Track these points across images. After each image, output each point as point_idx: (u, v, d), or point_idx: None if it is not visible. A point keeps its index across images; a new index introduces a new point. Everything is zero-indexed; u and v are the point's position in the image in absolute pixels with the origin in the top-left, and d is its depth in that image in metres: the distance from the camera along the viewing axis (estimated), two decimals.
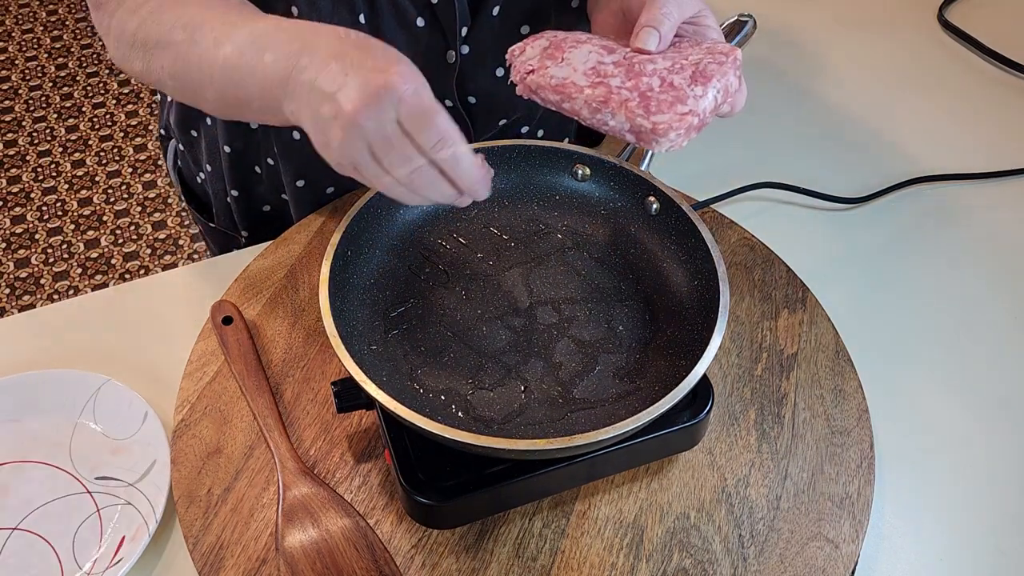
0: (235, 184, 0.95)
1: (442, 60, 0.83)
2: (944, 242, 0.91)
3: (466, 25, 0.81)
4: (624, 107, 0.61)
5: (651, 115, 0.60)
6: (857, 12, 1.22)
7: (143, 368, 0.78)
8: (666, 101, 0.61)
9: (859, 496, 0.68)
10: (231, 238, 1.02)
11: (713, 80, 0.62)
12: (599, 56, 0.64)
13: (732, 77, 0.63)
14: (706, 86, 0.62)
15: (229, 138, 0.91)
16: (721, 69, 0.63)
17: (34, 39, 2.88)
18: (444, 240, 0.76)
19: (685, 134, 0.61)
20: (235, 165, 0.93)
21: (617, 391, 0.66)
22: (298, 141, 0.86)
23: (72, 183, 2.43)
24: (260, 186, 0.95)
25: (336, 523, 0.64)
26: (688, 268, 0.71)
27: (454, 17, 0.79)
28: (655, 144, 0.61)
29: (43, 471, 0.71)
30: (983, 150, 1.01)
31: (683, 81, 0.62)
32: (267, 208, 0.98)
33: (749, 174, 0.95)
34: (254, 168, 0.94)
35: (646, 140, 0.61)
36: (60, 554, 0.66)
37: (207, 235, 1.08)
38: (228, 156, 0.93)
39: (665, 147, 0.61)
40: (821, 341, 0.78)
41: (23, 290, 2.18)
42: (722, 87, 0.63)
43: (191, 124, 0.96)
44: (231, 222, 1.00)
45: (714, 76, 0.62)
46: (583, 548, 0.65)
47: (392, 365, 0.67)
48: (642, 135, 0.61)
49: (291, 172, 0.90)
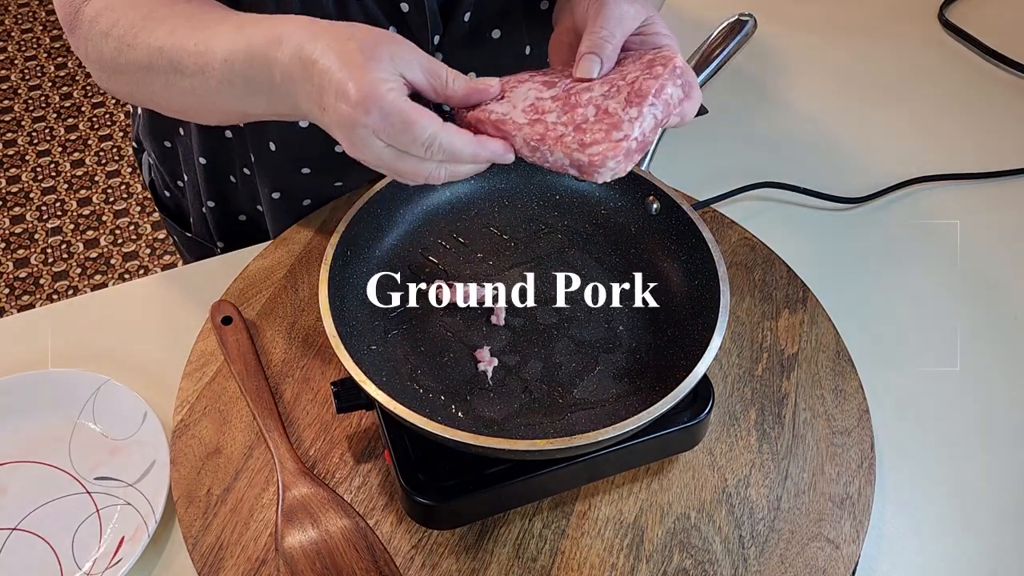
0: (211, 195, 0.95)
1: None
2: (944, 242, 0.91)
3: (438, 33, 0.80)
4: (560, 143, 0.59)
5: (586, 148, 0.59)
6: (857, 12, 1.21)
7: (143, 368, 0.78)
8: (601, 130, 0.59)
9: (860, 496, 0.68)
10: (207, 248, 1.02)
11: (648, 98, 0.60)
12: (538, 92, 0.63)
13: (671, 88, 0.61)
14: (641, 107, 0.60)
15: (204, 149, 0.90)
16: (657, 83, 0.60)
17: (33, 39, 2.88)
18: (444, 240, 0.76)
19: (624, 159, 0.59)
20: (210, 176, 0.93)
21: (617, 391, 0.66)
22: (274, 152, 0.85)
23: (71, 183, 2.43)
24: (236, 196, 0.94)
25: (336, 523, 0.64)
26: (688, 268, 0.71)
27: (425, 25, 0.79)
28: (596, 175, 0.59)
29: (42, 471, 0.71)
30: (983, 150, 1.01)
31: (618, 106, 0.60)
32: (243, 218, 0.97)
33: (749, 174, 0.95)
34: (229, 178, 0.93)
35: (587, 173, 0.59)
36: (59, 554, 0.66)
37: (183, 245, 1.07)
38: (203, 168, 0.92)
39: (607, 176, 0.59)
40: (822, 341, 0.78)
41: (22, 290, 2.18)
42: (661, 103, 0.60)
43: (163, 136, 0.95)
44: (207, 232, 1.00)
45: (649, 93, 0.60)
46: (583, 549, 0.65)
47: (392, 365, 0.67)
48: (582, 168, 0.59)
49: (267, 183, 0.88)
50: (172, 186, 1.02)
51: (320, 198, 0.90)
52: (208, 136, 0.89)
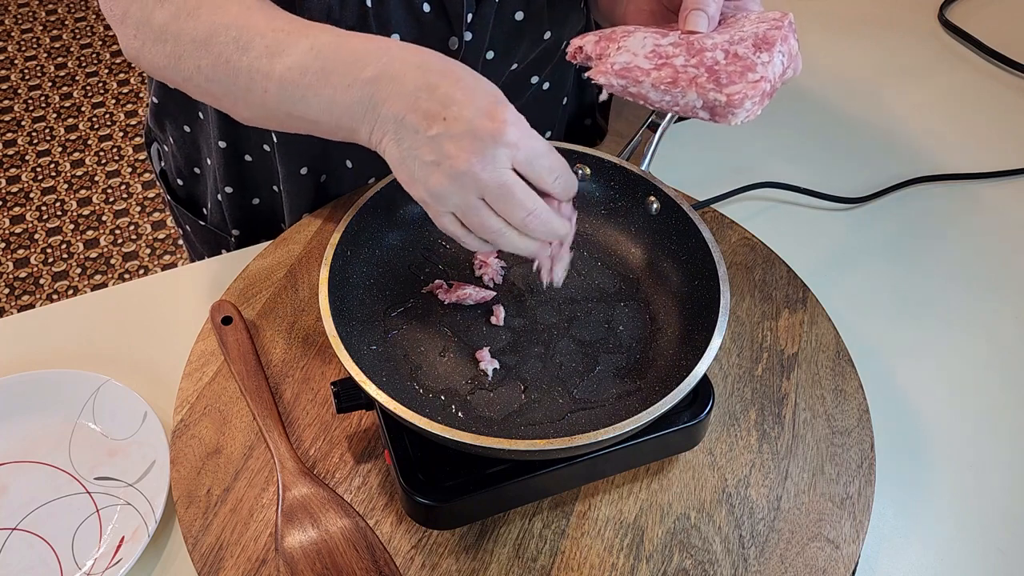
0: (228, 179, 0.94)
1: (444, 48, 0.82)
2: (944, 242, 0.91)
3: (472, 12, 0.81)
4: (694, 84, 0.61)
5: (723, 88, 0.60)
6: (858, 12, 1.22)
7: (143, 368, 0.78)
8: (736, 72, 0.60)
9: (859, 496, 0.68)
10: (220, 238, 1.02)
11: (777, 44, 0.62)
12: (655, 40, 0.64)
13: (792, 40, 0.64)
14: (771, 51, 0.62)
15: (223, 132, 0.90)
16: (781, 33, 0.63)
17: (33, 39, 2.88)
18: (444, 240, 0.76)
19: (760, 102, 0.61)
20: (229, 160, 0.92)
21: (617, 391, 0.66)
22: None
23: (71, 183, 2.43)
24: (252, 178, 0.94)
25: (336, 523, 0.64)
26: (688, 268, 0.71)
27: (462, 3, 0.79)
28: (731, 117, 0.60)
29: (42, 471, 0.71)
30: (983, 150, 1.01)
31: (747, 50, 0.62)
32: (257, 201, 0.97)
33: (749, 174, 0.95)
34: (245, 157, 0.92)
35: (721, 114, 0.60)
36: (59, 554, 0.66)
37: (195, 235, 1.07)
38: (223, 151, 0.91)
39: (741, 118, 0.60)
40: (822, 341, 0.78)
41: (22, 290, 2.18)
42: (786, 51, 0.63)
43: (184, 120, 0.95)
44: (222, 220, 1.00)
45: (776, 41, 0.62)
46: (583, 548, 0.65)
47: (392, 365, 0.67)
48: (716, 109, 0.60)
49: (294, 160, 0.87)
50: (188, 173, 1.01)
51: (335, 176, 0.91)
52: (230, 119, 0.86)
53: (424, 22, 0.80)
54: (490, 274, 0.73)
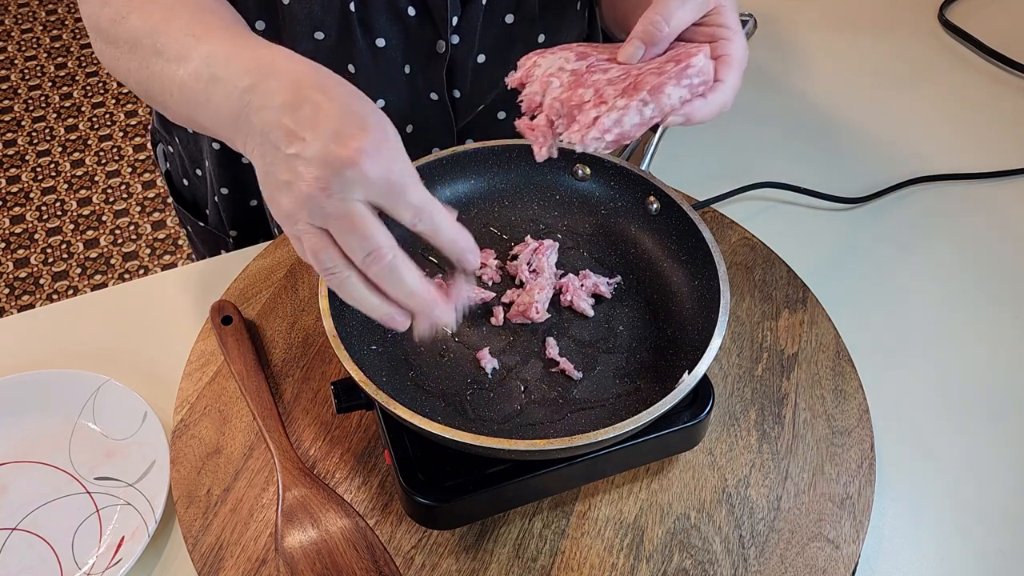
0: (224, 181, 0.95)
1: (432, 51, 0.82)
2: (944, 242, 0.91)
3: (457, 14, 0.80)
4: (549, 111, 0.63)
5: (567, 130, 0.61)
6: (858, 12, 1.22)
7: (143, 368, 0.78)
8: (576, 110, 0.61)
9: (859, 496, 0.68)
10: (220, 239, 1.02)
11: (640, 93, 0.59)
12: (563, 63, 0.64)
13: (671, 88, 0.59)
14: (630, 99, 0.59)
15: None
16: (657, 80, 0.59)
17: (33, 39, 2.88)
18: None
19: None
20: (224, 161, 0.92)
21: (617, 391, 0.66)
22: None
23: (71, 183, 2.43)
24: (248, 180, 0.94)
25: (336, 523, 0.64)
26: (688, 268, 0.71)
27: (446, 6, 0.79)
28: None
29: (42, 471, 0.71)
30: (983, 150, 1.01)
31: (614, 92, 0.60)
32: (254, 203, 0.97)
33: (749, 174, 0.95)
34: (241, 159, 0.92)
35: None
36: (59, 554, 0.66)
37: (196, 236, 1.07)
38: (217, 153, 0.91)
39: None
40: (822, 341, 0.78)
41: (22, 290, 2.18)
42: (655, 100, 0.59)
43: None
44: (220, 222, 1.00)
45: (644, 89, 0.59)
46: (583, 548, 0.65)
47: (392, 365, 0.67)
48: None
49: None
50: (191, 175, 1.01)
51: None
52: None
53: (409, 25, 0.80)
54: (489, 274, 0.73)
